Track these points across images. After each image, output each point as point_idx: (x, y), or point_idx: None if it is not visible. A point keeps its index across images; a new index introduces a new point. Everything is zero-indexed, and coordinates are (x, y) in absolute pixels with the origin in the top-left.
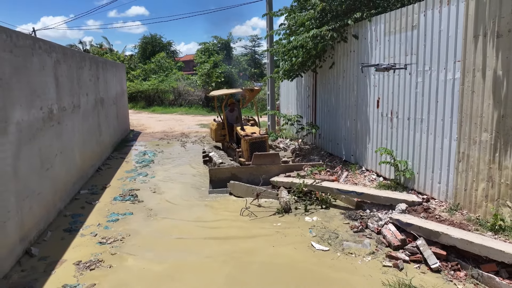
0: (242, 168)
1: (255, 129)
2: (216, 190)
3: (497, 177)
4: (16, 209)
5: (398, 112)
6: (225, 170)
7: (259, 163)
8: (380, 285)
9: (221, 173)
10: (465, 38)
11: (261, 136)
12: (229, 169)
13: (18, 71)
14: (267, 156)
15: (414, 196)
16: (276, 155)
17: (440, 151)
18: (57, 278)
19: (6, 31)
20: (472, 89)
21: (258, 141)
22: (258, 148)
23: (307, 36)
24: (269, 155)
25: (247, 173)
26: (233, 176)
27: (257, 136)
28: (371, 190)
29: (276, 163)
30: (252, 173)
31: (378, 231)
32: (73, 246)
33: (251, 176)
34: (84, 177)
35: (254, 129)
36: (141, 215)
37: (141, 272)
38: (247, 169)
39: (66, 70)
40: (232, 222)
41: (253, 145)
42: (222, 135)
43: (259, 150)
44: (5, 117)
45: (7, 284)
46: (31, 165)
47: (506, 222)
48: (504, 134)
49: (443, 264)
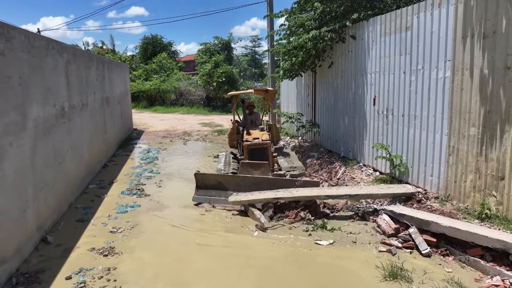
0: (229, 177)
1: (261, 134)
2: (201, 198)
3: (484, 168)
4: (33, 199)
5: (393, 109)
6: (211, 176)
7: (246, 173)
8: (374, 267)
9: (207, 179)
10: (454, 39)
11: (262, 143)
12: (216, 176)
13: (35, 70)
14: (256, 166)
15: (409, 186)
16: (265, 165)
17: (432, 146)
18: (74, 262)
19: (24, 32)
20: (461, 86)
21: (258, 147)
22: (258, 155)
23: (307, 37)
24: (257, 164)
25: (234, 183)
26: (219, 184)
27: (257, 143)
28: (365, 189)
29: (264, 174)
30: (239, 183)
31: (374, 220)
32: (86, 234)
33: (238, 187)
34: (92, 173)
35: (260, 134)
36: (148, 207)
37: (151, 259)
38: (234, 178)
39: (76, 69)
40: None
41: (253, 152)
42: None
43: (259, 158)
44: (24, 113)
45: (27, 267)
46: (46, 159)
47: (492, 211)
48: (490, 128)
49: (433, 250)
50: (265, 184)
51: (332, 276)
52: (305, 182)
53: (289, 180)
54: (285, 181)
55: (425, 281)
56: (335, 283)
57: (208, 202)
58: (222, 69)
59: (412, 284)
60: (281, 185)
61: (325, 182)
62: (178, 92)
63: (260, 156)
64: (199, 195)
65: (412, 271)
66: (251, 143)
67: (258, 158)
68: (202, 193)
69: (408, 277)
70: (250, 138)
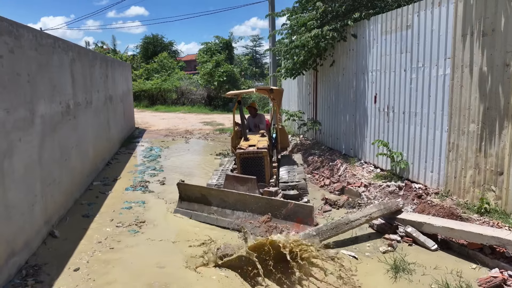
0: (214, 191)
1: (258, 141)
2: (182, 211)
3: (483, 164)
4: (41, 194)
5: (394, 106)
6: (195, 188)
7: (231, 187)
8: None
9: (190, 191)
10: (454, 37)
11: (256, 151)
12: (200, 188)
13: (42, 68)
14: (241, 181)
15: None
16: (252, 181)
17: (432, 142)
18: (81, 255)
19: (32, 31)
20: (461, 84)
21: (252, 157)
22: (253, 166)
23: (308, 35)
24: (243, 179)
25: (218, 198)
26: (203, 197)
27: (251, 151)
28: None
29: (251, 190)
30: (223, 199)
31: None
32: (92, 229)
33: (222, 203)
34: (96, 170)
35: (258, 140)
36: (153, 203)
37: (157, 252)
38: (219, 193)
39: (80, 68)
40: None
41: (246, 162)
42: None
43: (254, 168)
44: (32, 109)
45: (36, 260)
46: (53, 155)
47: (491, 205)
48: (489, 124)
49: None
50: (252, 203)
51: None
52: (296, 206)
53: (280, 201)
54: (275, 202)
55: (426, 273)
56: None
57: (190, 217)
58: (223, 68)
59: (414, 277)
60: (270, 206)
61: (326, 179)
62: (179, 92)
63: (254, 166)
64: (181, 208)
65: (414, 264)
66: (244, 151)
67: (253, 169)
68: (185, 206)
69: (410, 270)
70: (245, 145)
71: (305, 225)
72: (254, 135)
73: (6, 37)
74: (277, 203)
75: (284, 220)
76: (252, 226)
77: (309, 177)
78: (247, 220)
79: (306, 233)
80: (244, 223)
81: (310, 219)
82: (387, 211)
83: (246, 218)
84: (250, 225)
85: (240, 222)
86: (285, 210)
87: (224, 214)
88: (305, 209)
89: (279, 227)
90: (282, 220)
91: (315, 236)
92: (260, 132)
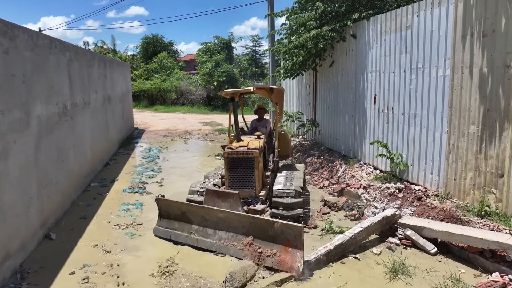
0: (194, 207)
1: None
2: (161, 230)
3: (483, 166)
4: (37, 196)
5: (393, 107)
6: (175, 204)
7: (212, 204)
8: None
9: (170, 207)
10: (454, 37)
11: (246, 152)
12: (179, 204)
13: (38, 69)
14: (223, 196)
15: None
16: (234, 196)
17: (432, 144)
18: (77, 259)
19: (28, 31)
20: (461, 85)
21: (241, 158)
22: (240, 169)
23: (308, 36)
24: (225, 194)
25: (199, 216)
26: (183, 215)
27: (240, 151)
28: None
29: (233, 208)
30: (205, 217)
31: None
32: (88, 231)
33: (204, 222)
34: (94, 171)
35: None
36: (150, 205)
37: (154, 255)
38: (199, 210)
39: (78, 68)
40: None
41: (234, 164)
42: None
43: (242, 172)
44: (28, 111)
45: (31, 263)
46: (49, 156)
47: (491, 208)
48: (490, 126)
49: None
50: (235, 221)
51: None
52: (284, 226)
53: (265, 220)
54: (259, 221)
55: (426, 277)
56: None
57: (169, 237)
58: (223, 68)
59: (414, 280)
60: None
61: (325, 180)
62: (179, 92)
63: (243, 170)
64: (161, 227)
65: (413, 267)
66: (232, 151)
67: (241, 173)
68: (164, 224)
69: (409, 273)
70: (236, 146)
71: (294, 248)
72: (249, 136)
73: (1, 38)
74: (262, 223)
75: (271, 243)
76: (235, 249)
77: (308, 178)
78: (230, 242)
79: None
80: (226, 245)
81: (299, 242)
82: (387, 224)
83: (228, 239)
84: (233, 248)
85: (222, 244)
86: (272, 231)
87: (205, 234)
88: (293, 230)
89: (264, 251)
90: (269, 243)
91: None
92: (256, 134)
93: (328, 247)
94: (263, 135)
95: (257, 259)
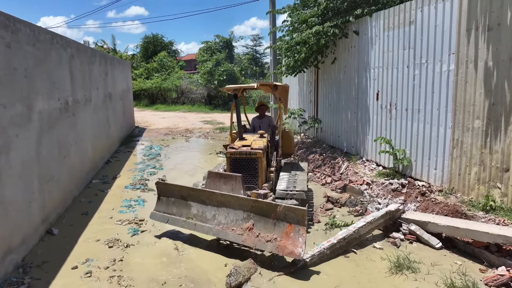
0: (193, 191)
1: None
2: (159, 215)
3: (488, 161)
4: (39, 191)
5: (396, 103)
6: (174, 188)
7: (214, 187)
8: (379, 258)
9: (169, 191)
10: (458, 31)
11: (249, 152)
12: (179, 188)
13: (40, 63)
14: (226, 179)
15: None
16: (238, 178)
17: (436, 139)
18: (79, 253)
19: (30, 25)
20: (465, 79)
21: (244, 158)
22: (245, 170)
23: (310, 32)
24: (227, 177)
25: (199, 200)
26: (183, 198)
27: (243, 151)
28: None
29: (236, 191)
30: (205, 201)
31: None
32: (91, 227)
33: (203, 206)
34: (95, 168)
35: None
36: (152, 201)
37: (157, 251)
38: (199, 193)
39: (79, 65)
40: None
41: (237, 164)
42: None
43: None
44: (29, 105)
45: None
46: (51, 152)
47: (496, 203)
48: (495, 120)
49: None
50: (236, 205)
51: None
52: (287, 209)
53: (267, 203)
54: (261, 204)
55: (431, 272)
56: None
57: (166, 221)
58: (223, 67)
59: (419, 275)
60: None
61: (327, 177)
62: (179, 91)
63: (246, 170)
64: (159, 211)
65: (418, 262)
66: (234, 151)
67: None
68: (162, 209)
69: (414, 268)
70: (239, 145)
71: (296, 233)
72: (252, 135)
73: (3, 32)
74: (264, 206)
75: (272, 227)
76: (234, 234)
77: (310, 175)
78: (229, 227)
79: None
80: (225, 231)
81: (302, 226)
82: (391, 219)
83: (228, 224)
84: (232, 233)
85: (221, 229)
86: (274, 215)
87: (204, 219)
88: (297, 214)
89: (264, 236)
90: (270, 227)
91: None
92: (259, 132)
93: (331, 241)
94: (266, 134)
95: (256, 244)
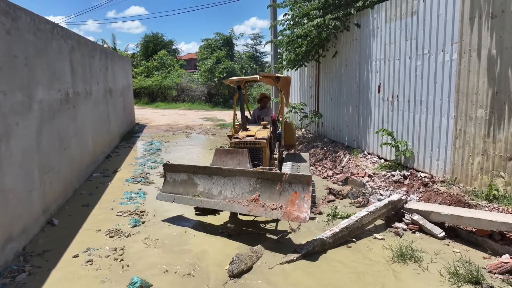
0: (199, 168)
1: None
2: (165, 196)
3: (492, 150)
4: (39, 181)
5: (398, 95)
6: (181, 168)
7: (220, 163)
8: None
9: (176, 171)
10: (461, 20)
11: (253, 142)
12: (186, 167)
13: (40, 53)
14: (232, 154)
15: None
16: (244, 153)
17: (438, 130)
18: (80, 243)
19: (30, 14)
20: (468, 68)
21: (248, 147)
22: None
23: (311, 24)
24: (234, 152)
25: (205, 177)
26: (189, 178)
27: (247, 141)
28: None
29: (242, 165)
30: (211, 177)
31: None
32: (91, 218)
33: (209, 183)
34: (95, 162)
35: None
36: (153, 194)
37: (157, 241)
38: (206, 170)
39: (80, 57)
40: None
41: None
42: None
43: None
44: (30, 94)
45: (34, 247)
46: (51, 143)
47: (500, 192)
48: (498, 109)
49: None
50: (242, 179)
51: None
52: (292, 177)
53: (272, 173)
54: (266, 175)
55: (434, 261)
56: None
57: (172, 200)
58: (224, 65)
59: (422, 264)
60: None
61: (329, 170)
62: (179, 89)
63: (252, 160)
64: (165, 192)
65: (421, 251)
66: (239, 141)
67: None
68: (169, 189)
69: (417, 257)
70: (242, 135)
71: (301, 200)
72: (255, 126)
73: (3, 18)
74: (269, 176)
75: (278, 197)
76: (240, 206)
77: (312, 169)
78: (235, 201)
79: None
80: (231, 204)
81: (307, 193)
82: (394, 209)
83: (234, 198)
84: (238, 205)
85: (227, 202)
86: (279, 186)
87: (210, 195)
88: (301, 180)
89: (270, 205)
90: (276, 197)
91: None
92: (262, 123)
93: (334, 230)
94: (269, 125)
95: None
